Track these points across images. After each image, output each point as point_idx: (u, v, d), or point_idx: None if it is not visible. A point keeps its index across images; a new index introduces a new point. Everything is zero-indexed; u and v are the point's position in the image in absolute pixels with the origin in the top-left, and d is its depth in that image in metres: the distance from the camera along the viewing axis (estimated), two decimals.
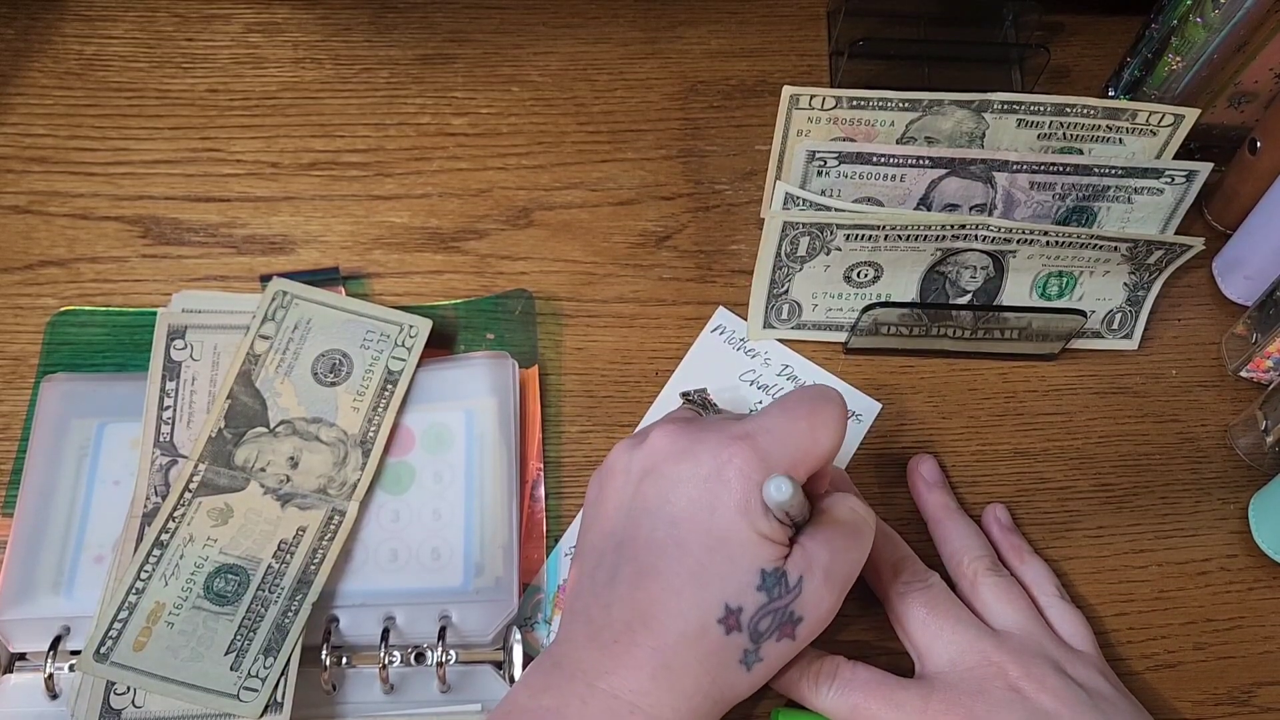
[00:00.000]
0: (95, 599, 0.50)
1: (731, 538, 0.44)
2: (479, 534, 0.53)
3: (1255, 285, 0.61)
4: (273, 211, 0.62)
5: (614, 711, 0.42)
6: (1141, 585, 0.56)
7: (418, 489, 0.54)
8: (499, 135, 0.66)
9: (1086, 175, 0.58)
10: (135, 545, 0.51)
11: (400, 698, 0.50)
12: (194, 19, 0.68)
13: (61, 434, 0.54)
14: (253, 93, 0.66)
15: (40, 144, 0.64)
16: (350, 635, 0.50)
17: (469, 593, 0.51)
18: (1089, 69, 0.70)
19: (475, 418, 0.55)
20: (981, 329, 0.59)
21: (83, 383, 0.56)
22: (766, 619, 0.44)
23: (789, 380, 0.59)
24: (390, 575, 0.52)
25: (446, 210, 0.63)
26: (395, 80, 0.67)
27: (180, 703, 0.47)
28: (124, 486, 0.53)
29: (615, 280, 0.62)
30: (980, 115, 0.58)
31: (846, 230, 0.56)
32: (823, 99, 0.57)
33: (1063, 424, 0.60)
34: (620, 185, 0.65)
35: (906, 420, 0.59)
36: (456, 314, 0.60)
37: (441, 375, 0.56)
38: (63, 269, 0.60)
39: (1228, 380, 0.61)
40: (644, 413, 0.58)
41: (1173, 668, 0.54)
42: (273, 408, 0.54)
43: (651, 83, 0.68)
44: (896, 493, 0.57)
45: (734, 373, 0.59)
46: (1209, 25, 0.59)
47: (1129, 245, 0.57)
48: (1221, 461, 0.59)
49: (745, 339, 0.60)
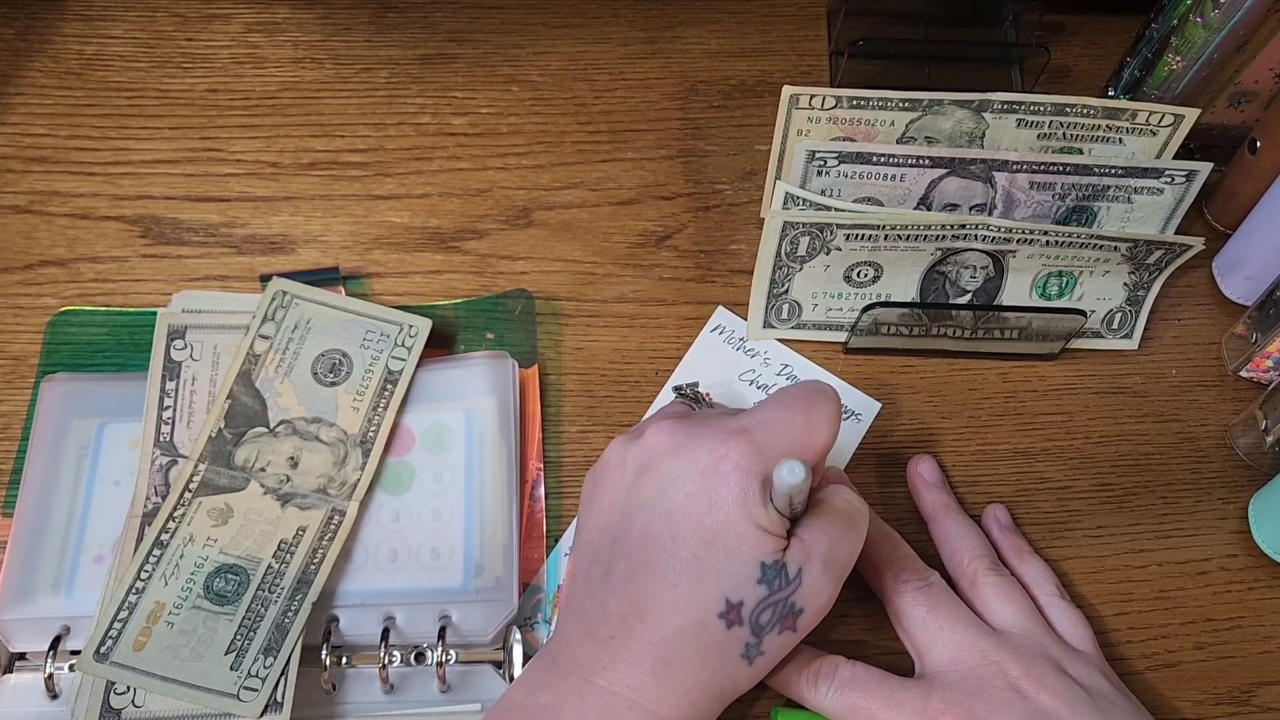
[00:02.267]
0: (95, 599, 0.50)
1: (729, 530, 0.43)
2: (479, 534, 0.53)
3: (1255, 285, 0.61)
4: (273, 211, 0.62)
5: (611, 707, 0.42)
6: (1141, 585, 0.56)
7: (418, 489, 0.54)
8: (499, 135, 0.66)
9: (1086, 175, 0.58)
10: (135, 545, 0.51)
11: (400, 697, 0.50)
12: (194, 19, 0.68)
13: (62, 434, 0.54)
14: (253, 93, 0.66)
15: (40, 144, 0.64)
16: (350, 635, 0.50)
17: (469, 592, 0.51)
18: (1089, 69, 0.70)
19: (475, 418, 0.55)
20: (981, 329, 0.59)
21: (83, 383, 0.56)
22: (768, 612, 0.44)
23: (788, 379, 0.59)
24: (390, 575, 0.52)
25: (446, 210, 0.63)
26: (395, 80, 0.67)
27: (180, 702, 0.47)
28: (124, 486, 0.53)
29: (615, 280, 0.62)
30: (980, 115, 0.58)
31: (846, 230, 0.56)
32: (823, 99, 0.57)
33: (1063, 424, 0.60)
34: (620, 185, 0.65)
35: (906, 420, 0.59)
36: (456, 314, 0.60)
37: (441, 375, 0.56)
38: (63, 269, 0.60)
39: (1228, 380, 0.61)
40: (644, 412, 0.58)
41: (1173, 668, 0.54)
42: (273, 408, 0.54)
43: (651, 83, 0.68)
44: (896, 492, 0.57)
45: (733, 372, 0.59)
46: (1209, 25, 0.59)
47: (1129, 245, 0.57)
48: (1221, 461, 0.59)
49: (745, 338, 0.60)
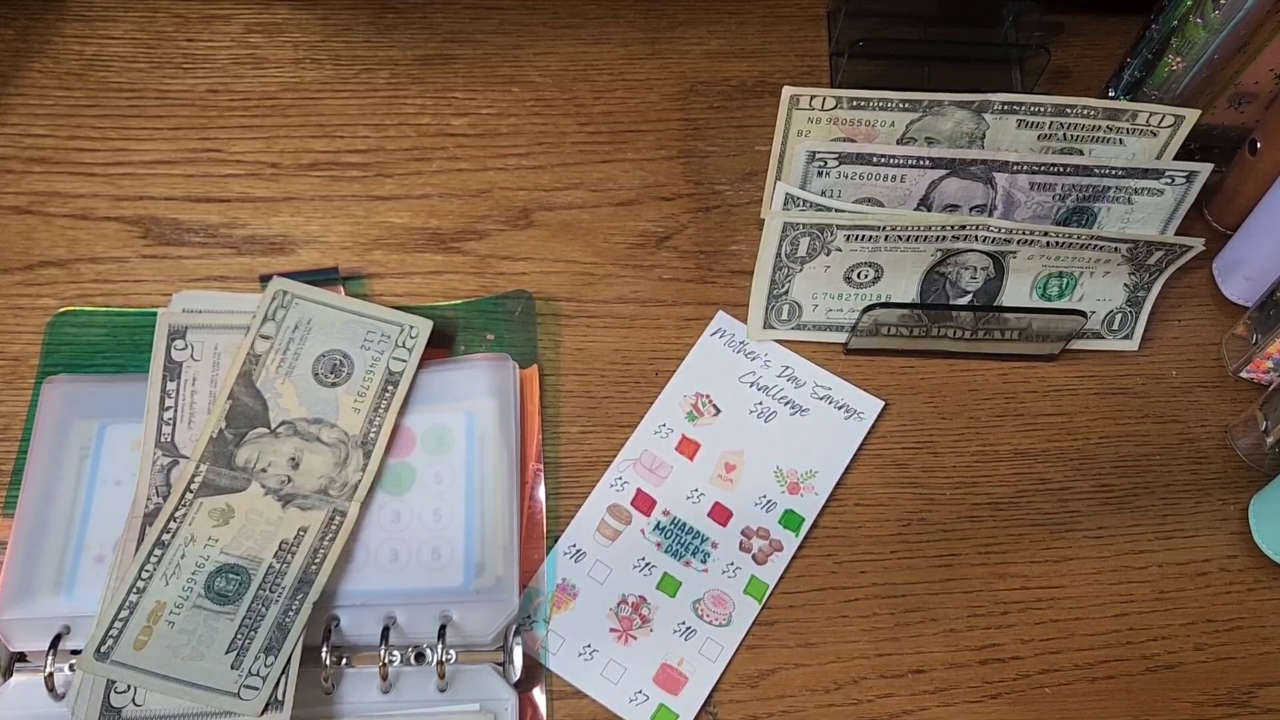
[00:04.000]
0: (95, 599, 0.50)
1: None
2: (479, 534, 0.53)
3: (1255, 286, 0.61)
4: (273, 212, 0.62)
5: None
6: (1141, 585, 0.56)
7: (418, 490, 0.54)
8: (499, 135, 0.66)
9: (1087, 176, 0.58)
10: (137, 545, 0.50)
11: (400, 697, 0.50)
12: (194, 19, 0.68)
13: (63, 435, 0.54)
14: (253, 93, 0.66)
15: (40, 144, 0.64)
16: (351, 635, 0.50)
17: (469, 593, 0.51)
18: (1089, 69, 0.70)
19: (476, 419, 0.55)
20: (982, 329, 0.59)
21: (84, 384, 0.56)
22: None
23: (789, 381, 0.59)
24: (391, 575, 0.52)
25: (446, 210, 0.63)
26: (395, 80, 0.67)
27: (181, 701, 0.47)
28: (125, 487, 0.53)
29: (615, 280, 0.62)
30: (980, 116, 0.58)
31: (847, 231, 0.56)
32: (823, 99, 0.57)
33: (1063, 424, 0.60)
34: (620, 185, 0.65)
35: (906, 420, 0.59)
36: (456, 315, 0.60)
37: (442, 376, 0.56)
38: (63, 269, 0.60)
39: (1228, 381, 0.61)
40: (643, 412, 0.58)
41: (1173, 668, 0.54)
42: (274, 408, 0.54)
43: (651, 83, 0.68)
44: (896, 493, 0.57)
45: (734, 375, 0.59)
46: (1209, 26, 0.59)
47: (1129, 246, 0.57)
48: (1221, 462, 0.59)
49: (745, 341, 0.60)
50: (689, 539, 0.55)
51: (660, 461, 0.57)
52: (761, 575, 0.55)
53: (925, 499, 0.57)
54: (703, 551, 0.55)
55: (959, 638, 0.54)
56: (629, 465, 0.57)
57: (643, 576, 0.55)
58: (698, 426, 0.58)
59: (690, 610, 0.54)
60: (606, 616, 0.54)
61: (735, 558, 0.55)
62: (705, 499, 0.56)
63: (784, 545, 0.56)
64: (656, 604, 0.54)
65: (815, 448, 0.58)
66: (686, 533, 0.56)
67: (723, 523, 0.56)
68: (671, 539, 0.55)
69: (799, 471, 0.57)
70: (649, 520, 0.56)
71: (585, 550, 0.55)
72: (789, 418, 0.58)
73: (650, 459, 0.57)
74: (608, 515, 0.56)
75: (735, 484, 0.57)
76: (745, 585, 0.55)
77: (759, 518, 0.56)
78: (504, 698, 0.50)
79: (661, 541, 0.55)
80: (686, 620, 0.54)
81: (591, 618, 0.53)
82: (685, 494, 0.56)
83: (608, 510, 0.56)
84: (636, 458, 0.57)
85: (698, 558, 0.55)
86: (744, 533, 0.56)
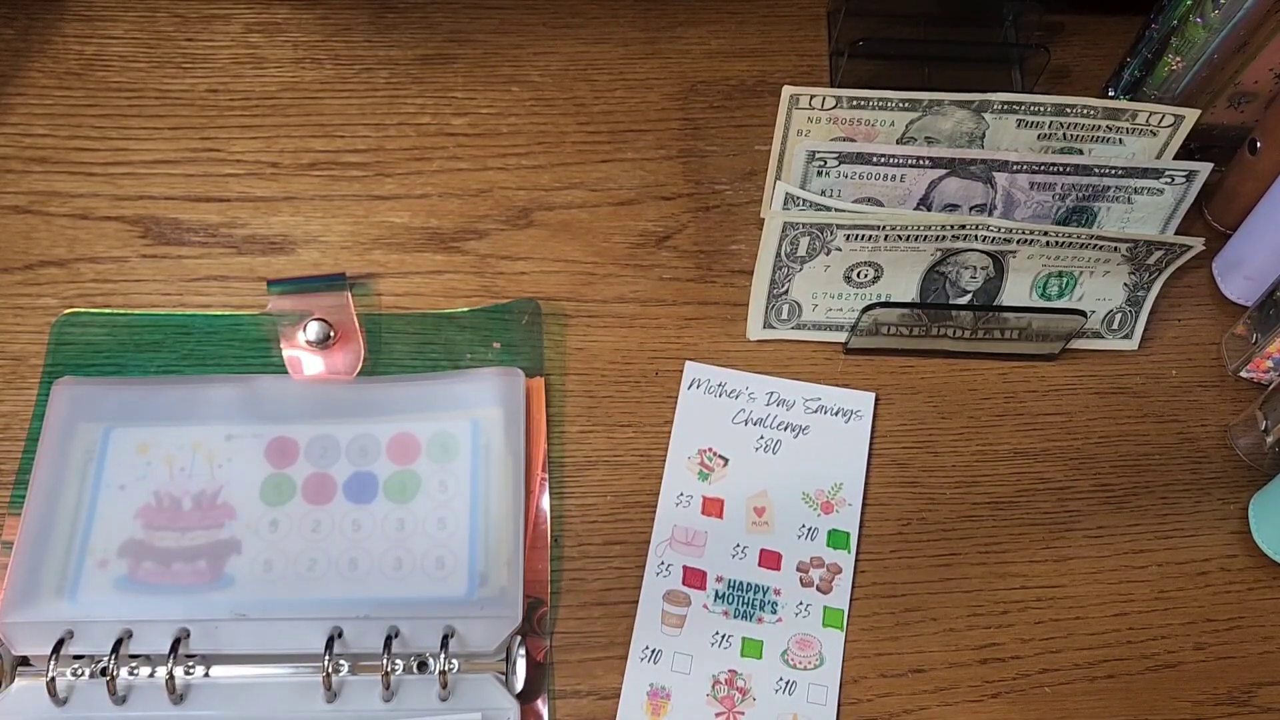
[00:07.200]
0: (98, 603, 0.50)
1: None
2: (484, 543, 0.53)
3: (1255, 285, 0.61)
4: (273, 211, 0.62)
5: None
6: (1141, 585, 0.56)
7: (423, 497, 0.54)
8: (499, 135, 0.66)
9: (1086, 175, 0.58)
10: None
11: (402, 705, 0.50)
12: (194, 19, 0.68)
13: (68, 437, 0.54)
14: (253, 93, 0.66)
15: (40, 144, 0.64)
16: (354, 645, 0.50)
17: (473, 602, 0.51)
18: (1089, 69, 0.70)
19: (481, 427, 0.55)
20: (981, 329, 0.59)
21: (91, 386, 0.55)
22: None
23: (778, 405, 0.59)
24: (395, 584, 0.52)
25: (446, 210, 0.63)
26: (395, 80, 0.67)
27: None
28: (129, 491, 0.53)
29: (615, 280, 0.62)
30: (980, 115, 0.58)
31: (846, 230, 0.56)
32: (823, 99, 0.57)
33: (1063, 424, 0.60)
34: (620, 185, 0.65)
35: (906, 420, 0.59)
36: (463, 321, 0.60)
37: (449, 385, 0.56)
38: (63, 269, 0.60)
39: (1228, 380, 0.61)
40: (643, 412, 0.58)
41: (1173, 668, 0.54)
42: None
43: (651, 83, 0.68)
44: (896, 493, 0.57)
45: (726, 419, 0.58)
46: (1209, 25, 0.59)
47: (1129, 245, 0.57)
48: (1221, 461, 0.59)
49: (723, 383, 0.59)
50: (751, 595, 0.54)
51: (693, 532, 0.56)
52: (832, 604, 0.54)
53: (925, 498, 0.57)
54: (769, 603, 0.54)
55: (959, 637, 0.54)
56: (665, 547, 0.55)
57: (723, 650, 0.53)
58: (713, 483, 0.57)
59: (782, 664, 0.53)
60: (706, 704, 0.52)
61: (801, 596, 0.54)
62: (750, 551, 0.55)
63: (841, 567, 0.55)
64: (748, 672, 0.53)
65: (830, 461, 0.57)
66: (746, 590, 0.54)
67: (775, 567, 0.55)
68: (735, 602, 0.54)
69: (825, 490, 0.57)
70: (706, 593, 0.54)
71: (659, 648, 0.53)
72: (793, 441, 0.58)
73: (683, 533, 0.56)
74: (666, 604, 0.54)
75: (771, 525, 0.56)
76: (822, 619, 0.54)
77: (807, 549, 0.55)
78: (506, 707, 0.50)
79: (727, 609, 0.54)
80: (782, 675, 0.53)
81: (693, 712, 0.52)
82: (729, 553, 0.55)
83: (664, 599, 0.54)
84: (669, 537, 0.55)
85: (767, 610, 0.54)
86: (799, 569, 0.55)
